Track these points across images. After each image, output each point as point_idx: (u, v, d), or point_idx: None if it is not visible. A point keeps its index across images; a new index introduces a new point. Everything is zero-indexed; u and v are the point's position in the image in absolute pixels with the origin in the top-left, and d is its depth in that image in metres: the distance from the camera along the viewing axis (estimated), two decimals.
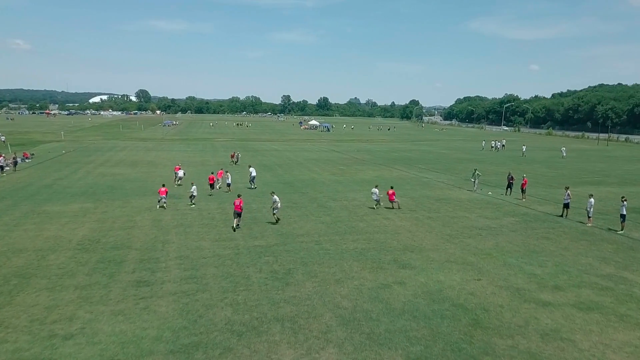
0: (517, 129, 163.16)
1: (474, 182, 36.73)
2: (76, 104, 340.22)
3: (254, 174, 36.33)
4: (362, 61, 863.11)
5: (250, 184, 36.13)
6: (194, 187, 29.59)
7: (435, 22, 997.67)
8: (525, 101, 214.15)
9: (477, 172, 37.19)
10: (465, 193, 35.20)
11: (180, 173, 37.82)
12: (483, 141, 78.35)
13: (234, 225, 22.95)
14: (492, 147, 76.89)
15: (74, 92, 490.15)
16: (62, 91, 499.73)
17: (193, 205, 28.73)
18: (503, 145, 77.41)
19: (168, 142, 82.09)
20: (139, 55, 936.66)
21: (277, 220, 24.65)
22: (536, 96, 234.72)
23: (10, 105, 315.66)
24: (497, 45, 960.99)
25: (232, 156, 52.82)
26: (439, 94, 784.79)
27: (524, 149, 70.32)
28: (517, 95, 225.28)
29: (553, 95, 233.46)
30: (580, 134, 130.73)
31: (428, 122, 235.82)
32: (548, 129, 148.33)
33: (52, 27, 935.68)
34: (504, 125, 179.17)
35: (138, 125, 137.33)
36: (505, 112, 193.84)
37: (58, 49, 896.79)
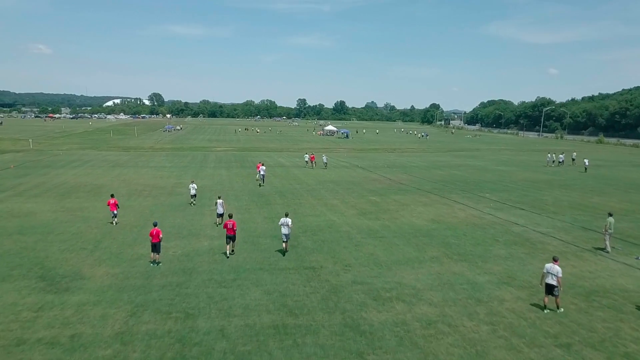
0: (559, 135, 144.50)
1: (607, 236, 20.86)
2: (89, 108, 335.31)
3: (262, 172, 38.48)
4: (378, 65, 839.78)
5: (261, 180, 38.21)
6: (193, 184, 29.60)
7: (451, 26, 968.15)
8: (562, 104, 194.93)
9: (611, 219, 21.14)
10: (616, 267, 18.84)
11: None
12: (549, 154, 61.47)
13: (227, 252, 19.36)
14: (554, 160, 59.53)
15: (92, 95, 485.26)
16: (81, 95, 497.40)
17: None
18: (562, 161, 60.06)
19: (153, 152, 66.94)
20: (155, 59, 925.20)
21: (285, 251, 19.86)
22: (573, 99, 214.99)
23: (23, 108, 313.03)
24: (515, 49, 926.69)
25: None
26: (456, 98, 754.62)
27: (587, 163, 53.58)
28: (549, 98, 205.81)
29: (583, 98, 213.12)
30: None
31: (454, 127, 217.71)
32: (599, 135, 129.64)
33: (73, 32, 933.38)
34: (542, 131, 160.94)
35: (136, 130, 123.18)
36: (539, 117, 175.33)
37: (78, 53, 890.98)
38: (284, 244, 20.09)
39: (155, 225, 18.37)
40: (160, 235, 18.17)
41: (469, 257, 19.93)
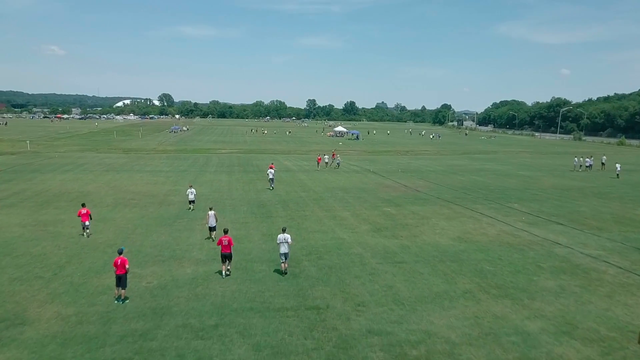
0: (577, 137, 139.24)
1: None
2: (99, 108, 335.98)
3: (271, 176, 36.56)
4: (388, 66, 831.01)
5: (270, 183, 36.39)
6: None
7: (461, 27, 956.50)
8: (579, 105, 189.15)
9: None
10: None
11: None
12: (575, 157, 57.28)
13: (223, 273, 16.94)
14: (581, 165, 55.13)
15: (104, 96, 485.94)
16: (93, 95, 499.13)
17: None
18: (590, 165, 55.42)
19: (154, 155, 63.70)
20: (166, 60, 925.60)
21: (285, 272, 17.13)
22: (589, 99, 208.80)
23: (34, 109, 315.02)
24: (526, 49, 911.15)
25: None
26: (467, 99, 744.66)
27: (619, 168, 49.06)
28: (565, 99, 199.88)
29: (598, 99, 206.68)
30: None
31: (467, 128, 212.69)
32: (620, 137, 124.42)
33: (86, 33, 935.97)
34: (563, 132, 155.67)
35: (141, 131, 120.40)
36: (555, 118, 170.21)
37: (91, 54, 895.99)
38: (282, 265, 17.25)
39: (120, 253, 14.83)
40: (127, 266, 14.60)
41: (510, 291, 16.10)
